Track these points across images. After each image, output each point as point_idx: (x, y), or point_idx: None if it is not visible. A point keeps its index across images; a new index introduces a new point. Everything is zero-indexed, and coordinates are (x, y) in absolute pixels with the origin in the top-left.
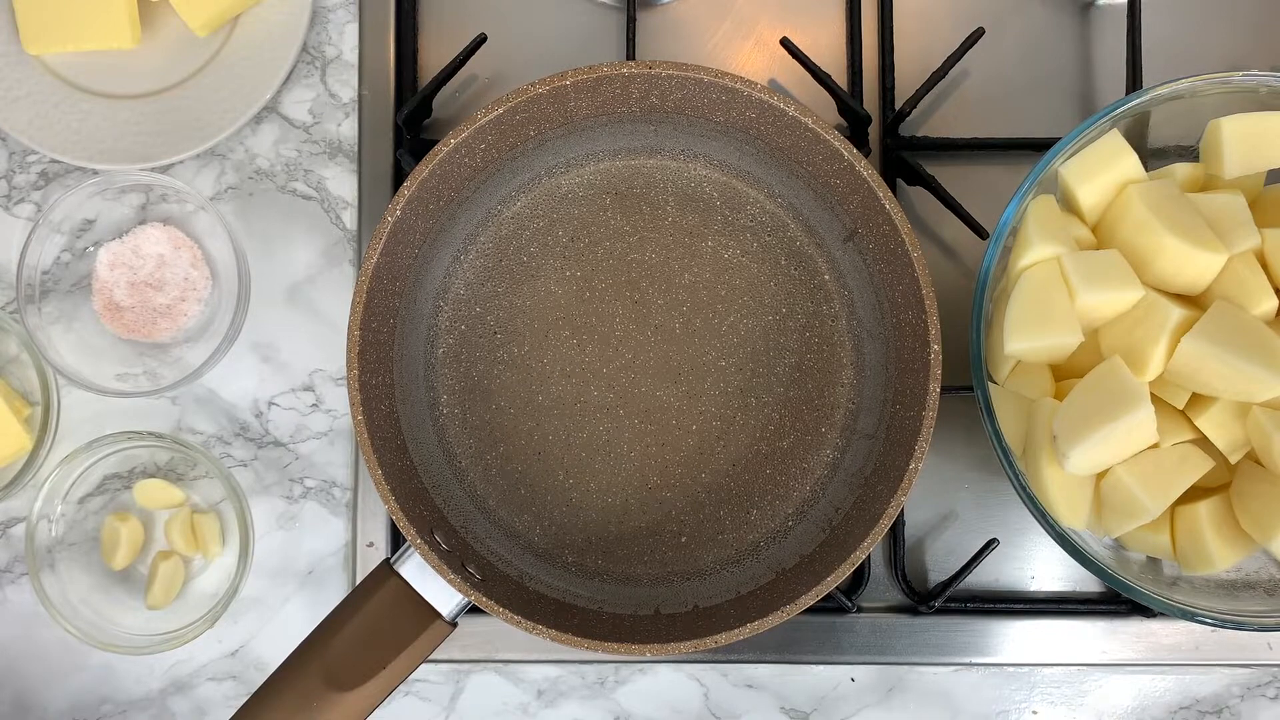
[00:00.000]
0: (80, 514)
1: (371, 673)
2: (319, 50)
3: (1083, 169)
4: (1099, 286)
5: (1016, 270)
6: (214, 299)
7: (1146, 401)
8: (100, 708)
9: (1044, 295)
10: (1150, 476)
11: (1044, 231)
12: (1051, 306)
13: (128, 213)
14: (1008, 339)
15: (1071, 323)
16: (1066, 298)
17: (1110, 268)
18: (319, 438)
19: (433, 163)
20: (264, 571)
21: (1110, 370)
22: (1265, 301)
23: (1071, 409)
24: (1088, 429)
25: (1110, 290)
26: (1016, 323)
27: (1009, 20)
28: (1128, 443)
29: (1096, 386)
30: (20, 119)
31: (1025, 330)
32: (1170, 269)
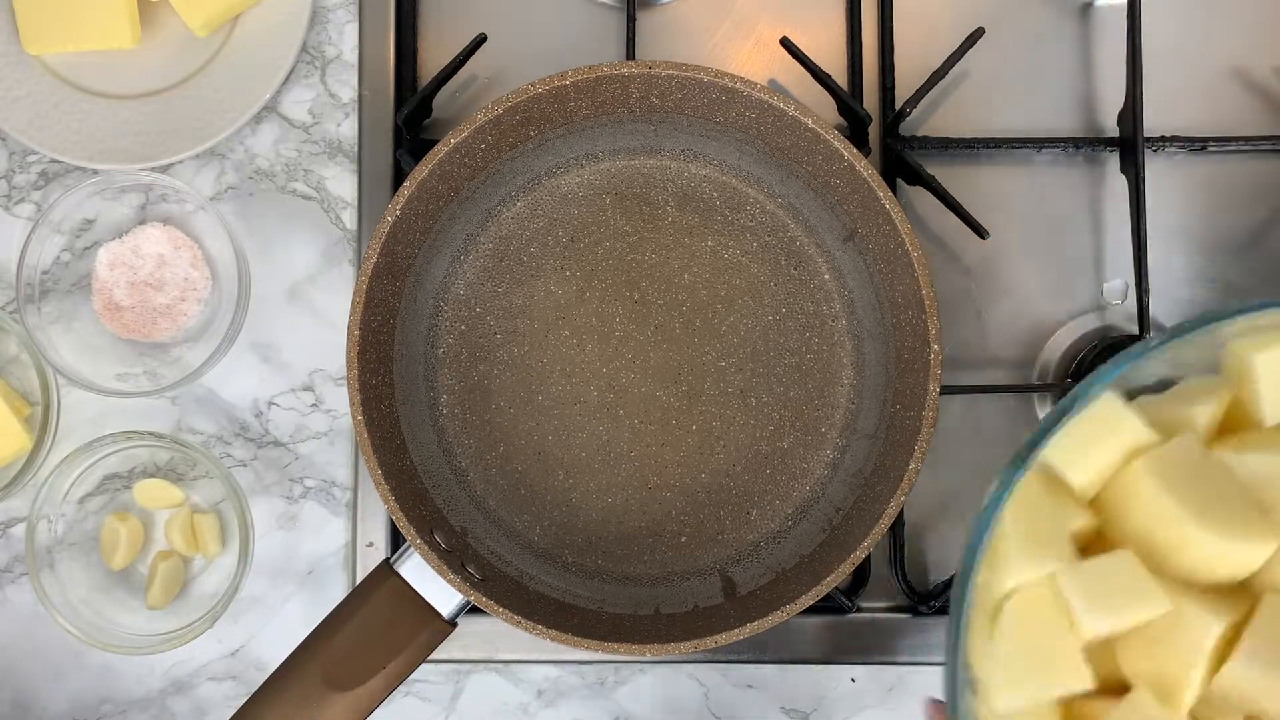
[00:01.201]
0: (80, 514)
1: (371, 673)
2: (319, 50)
3: (1072, 448)
4: (1109, 609)
5: (997, 597)
6: (214, 299)
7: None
8: (100, 708)
9: (1037, 630)
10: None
11: (1030, 542)
12: (1049, 644)
13: (127, 212)
14: (994, 694)
15: (1076, 664)
16: (1068, 629)
17: (1121, 578)
18: (319, 438)
19: (432, 163)
20: (264, 571)
21: (1135, 707)
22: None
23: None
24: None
25: (1124, 612)
26: (1005, 672)
27: (1009, 20)
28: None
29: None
30: (20, 119)
31: (1017, 681)
32: (1202, 565)
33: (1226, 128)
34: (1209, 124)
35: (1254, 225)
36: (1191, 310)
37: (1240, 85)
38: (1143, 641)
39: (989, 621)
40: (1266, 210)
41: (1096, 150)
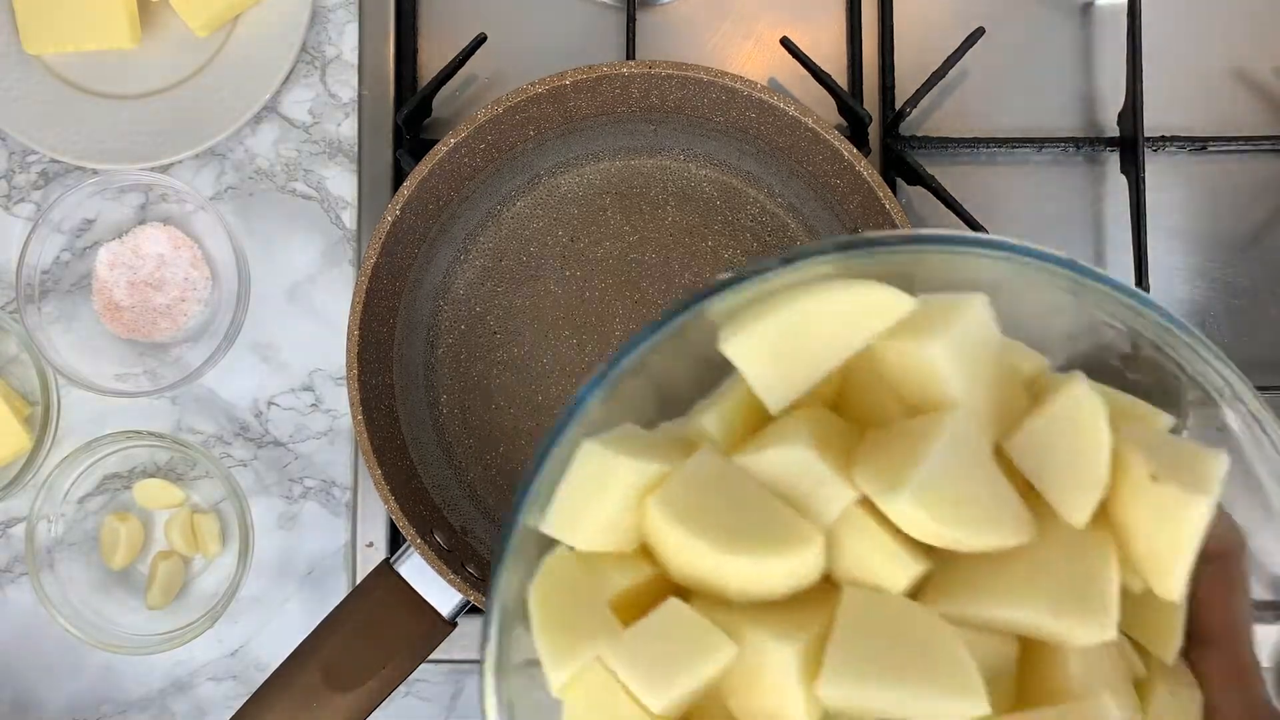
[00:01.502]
0: (80, 514)
1: (371, 673)
2: (319, 50)
3: (569, 513)
4: (668, 675)
5: (555, 690)
6: (214, 299)
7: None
8: (100, 708)
9: (603, 717)
10: None
11: (563, 631)
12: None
13: (127, 212)
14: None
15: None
16: (633, 709)
17: (673, 634)
18: (319, 438)
19: (432, 162)
20: (264, 571)
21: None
22: (902, 570)
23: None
24: None
25: (687, 671)
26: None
27: (1009, 20)
28: None
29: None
30: (20, 119)
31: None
32: (755, 589)
33: (1227, 127)
34: (1209, 124)
35: (1254, 225)
36: (1192, 310)
37: (1241, 85)
38: (737, 693)
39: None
40: (1267, 210)
41: (1096, 150)
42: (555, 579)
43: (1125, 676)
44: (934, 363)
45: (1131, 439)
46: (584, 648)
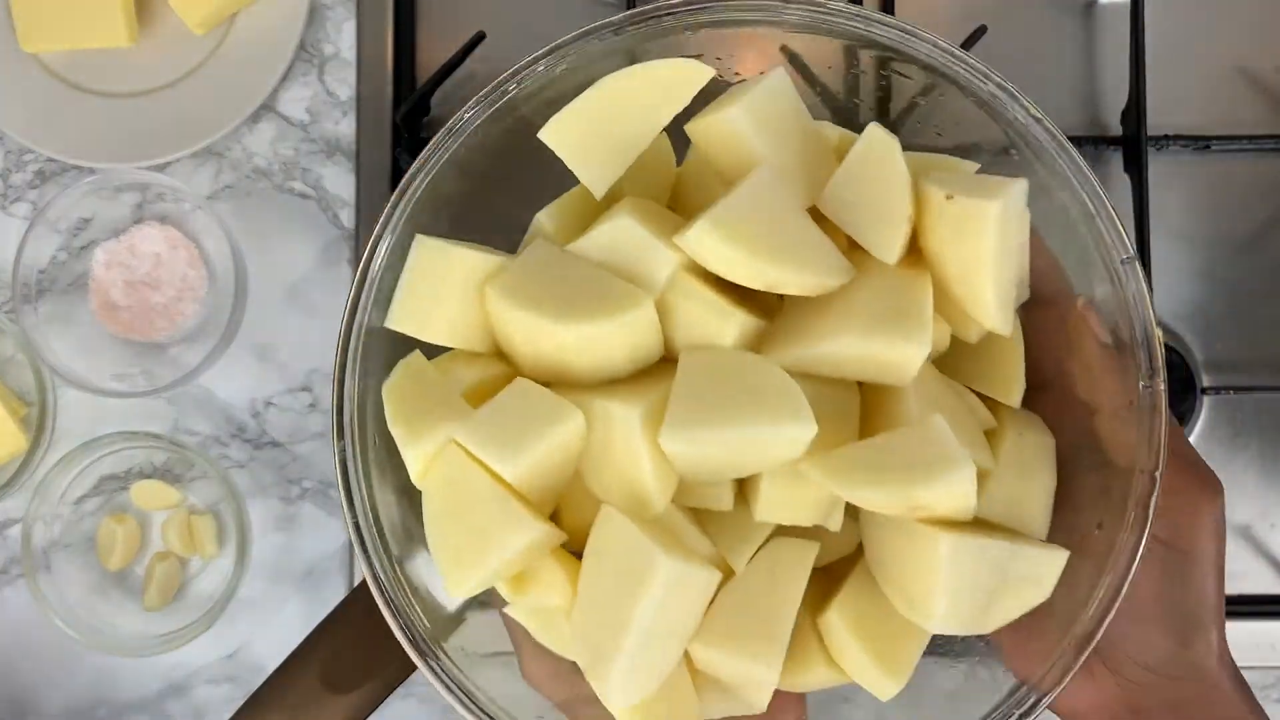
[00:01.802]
0: (76, 515)
1: (370, 675)
2: (316, 48)
3: (416, 309)
4: (518, 442)
5: (415, 479)
6: (211, 298)
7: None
8: (97, 710)
9: (464, 506)
10: (749, 615)
11: (416, 419)
12: (483, 517)
13: (124, 211)
14: (451, 587)
15: (519, 519)
16: (493, 489)
17: (520, 407)
18: (316, 438)
19: None
20: (261, 573)
21: (609, 531)
22: (729, 322)
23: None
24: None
25: (535, 438)
26: (444, 557)
27: (1011, 18)
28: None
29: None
30: (16, 117)
31: (459, 571)
32: (595, 361)
33: (1230, 126)
34: (1212, 122)
35: (1258, 224)
36: (1195, 310)
37: (1244, 83)
38: (594, 469)
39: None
40: (1270, 209)
41: (1100, 149)
42: (408, 377)
43: (972, 425)
44: (735, 125)
45: (932, 177)
46: (437, 430)
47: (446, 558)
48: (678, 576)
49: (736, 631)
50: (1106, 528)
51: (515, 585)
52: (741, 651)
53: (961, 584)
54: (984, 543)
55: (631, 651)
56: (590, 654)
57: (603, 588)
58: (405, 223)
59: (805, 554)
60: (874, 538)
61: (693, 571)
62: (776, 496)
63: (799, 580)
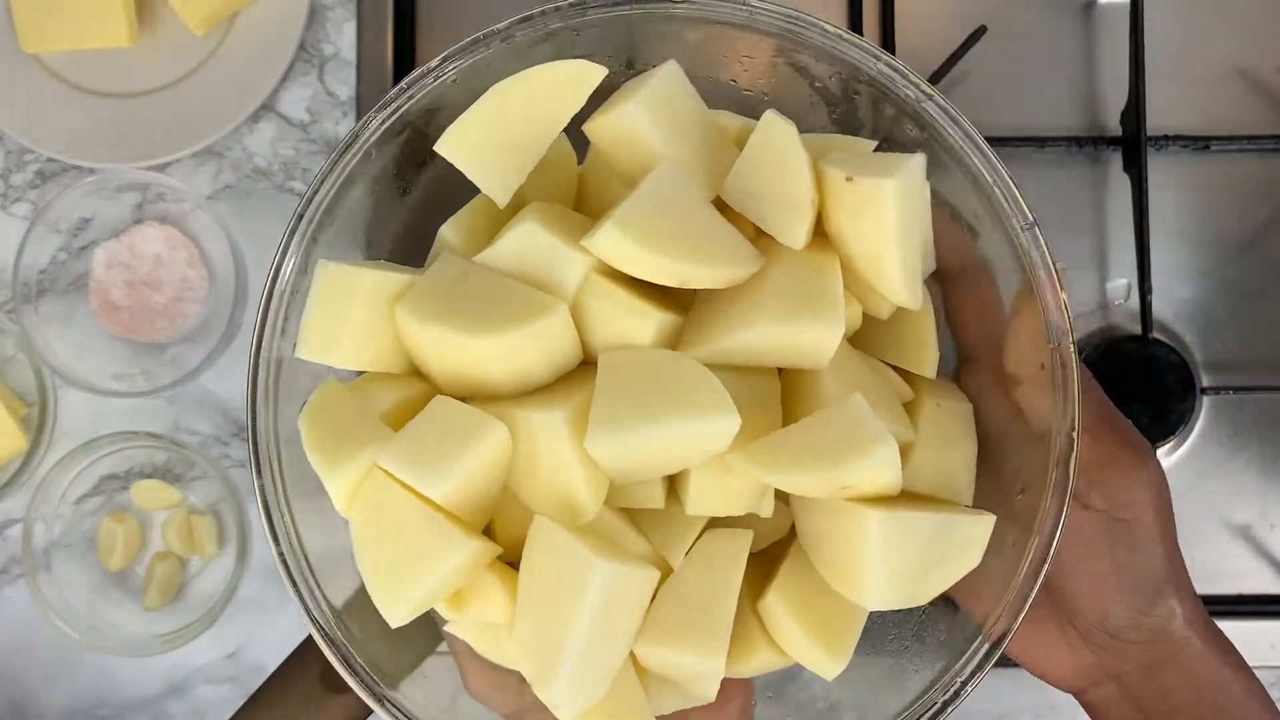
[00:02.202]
0: (77, 515)
1: None
2: (317, 48)
3: (322, 334)
4: (441, 462)
5: (341, 509)
6: (211, 299)
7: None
8: (97, 710)
9: (393, 530)
10: (690, 609)
11: (333, 450)
12: (413, 540)
13: (124, 212)
14: (388, 613)
15: (451, 538)
16: (422, 510)
17: (441, 426)
18: None
19: None
20: (262, 573)
21: (543, 544)
22: (645, 321)
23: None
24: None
25: (457, 456)
26: (381, 585)
27: (1011, 18)
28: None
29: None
30: (17, 117)
31: (399, 586)
32: (513, 371)
33: (1229, 127)
34: (1212, 123)
35: (1257, 224)
36: (1195, 310)
37: (1243, 84)
38: (523, 482)
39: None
40: (1269, 209)
41: (1099, 149)
42: (324, 405)
43: (890, 399)
44: (632, 121)
45: (831, 159)
46: (357, 456)
47: (380, 584)
48: (615, 579)
49: (679, 627)
50: (1029, 491)
51: (454, 603)
52: (685, 646)
53: (894, 558)
54: (912, 515)
55: (575, 659)
56: (535, 665)
57: (541, 598)
58: (308, 246)
59: (740, 544)
60: (805, 520)
61: (630, 573)
62: (706, 489)
63: (736, 570)
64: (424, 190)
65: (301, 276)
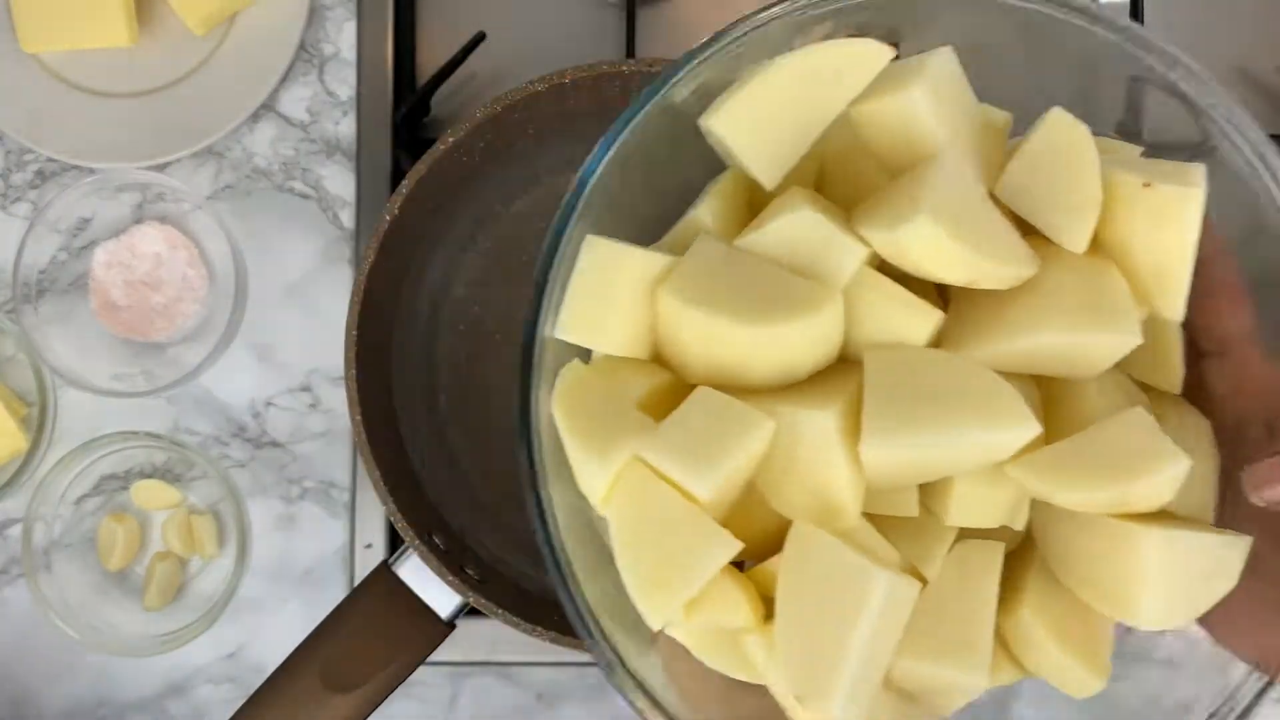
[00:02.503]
0: (77, 515)
1: (370, 675)
2: (317, 48)
3: (584, 316)
4: (709, 458)
5: (597, 503)
6: (211, 298)
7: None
8: (98, 710)
9: (658, 530)
10: (948, 622)
11: (591, 439)
12: (680, 541)
13: (124, 211)
14: (648, 616)
15: (713, 536)
16: (686, 509)
17: (706, 419)
18: (317, 438)
19: (431, 161)
20: (262, 573)
21: (803, 543)
22: (925, 318)
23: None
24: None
25: (726, 453)
26: (641, 584)
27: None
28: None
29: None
30: (17, 117)
31: (661, 591)
32: (779, 364)
33: None
34: None
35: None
36: None
37: (1243, 84)
38: (776, 481)
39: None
40: None
41: None
42: (575, 388)
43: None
44: (915, 108)
45: (1113, 161)
46: (618, 447)
47: (643, 588)
48: (892, 591)
49: (939, 641)
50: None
51: (689, 607)
52: (946, 660)
53: (1169, 578)
54: (1182, 534)
55: (853, 674)
56: (805, 682)
57: (810, 609)
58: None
59: (994, 555)
60: (1056, 535)
61: (903, 584)
62: (970, 499)
63: (991, 582)
64: (662, 169)
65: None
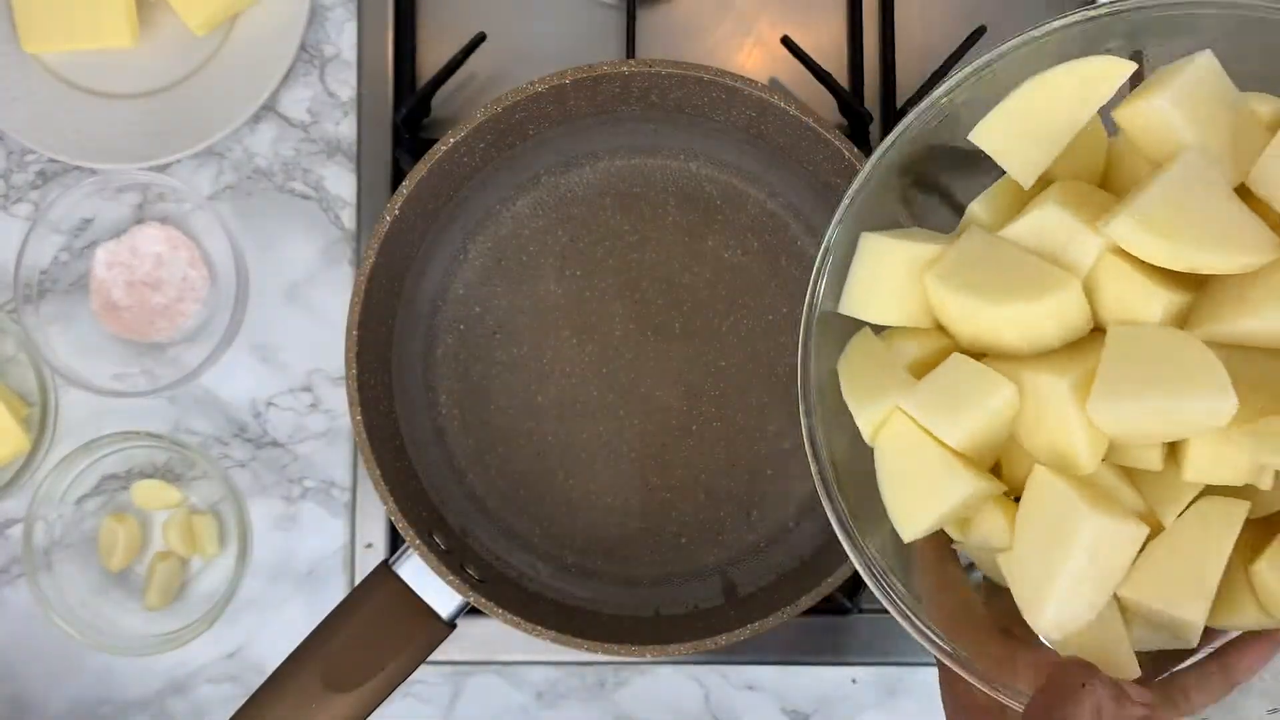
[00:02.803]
0: (78, 515)
1: (370, 674)
2: (317, 49)
3: (860, 295)
4: (956, 411)
5: (868, 439)
6: (212, 299)
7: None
8: (99, 709)
9: (912, 464)
10: (1177, 567)
11: (866, 388)
12: (928, 474)
13: (125, 212)
14: (904, 530)
15: (957, 475)
16: (937, 450)
17: (956, 379)
18: (317, 438)
19: (431, 162)
20: (262, 572)
21: (1041, 487)
22: (1154, 300)
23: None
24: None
25: (971, 406)
26: (898, 507)
27: (1011, 19)
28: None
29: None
30: (18, 118)
31: (911, 518)
32: (1028, 337)
33: None
34: None
35: None
36: None
37: None
38: (1028, 434)
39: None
40: None
41: None
42: (860, 352)
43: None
44: (1161, 113)
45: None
46: (884, 397)
47: (899, 506)
48: (1103, 531)
49: (1164, 582)
50: None
51: (961, 528)
52: (1168, 601)
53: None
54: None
55: (1060, 595)
56: (1025, 595)
57: (1037, 538)
58: (851, 216)
59: (1235, 512)
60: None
61: (1118, 526)
62: (1204, 459)
63: (1229, 535)
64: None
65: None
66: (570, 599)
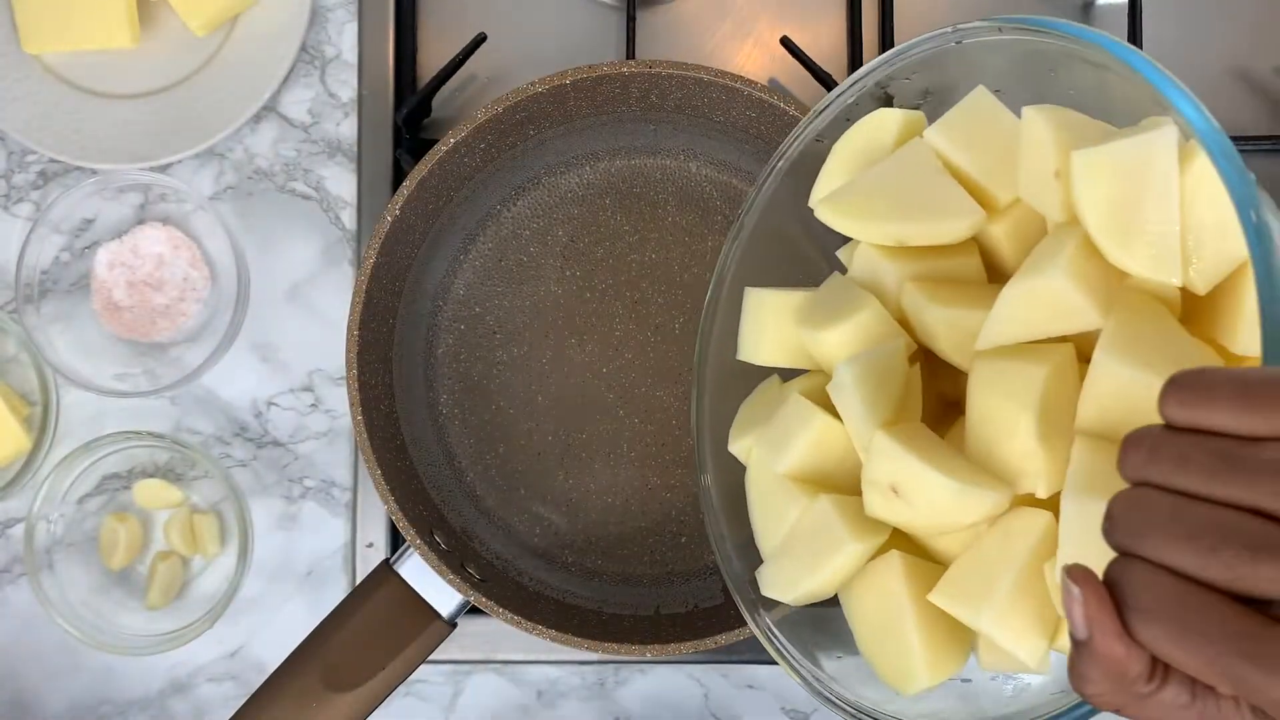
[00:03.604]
0: (79, 514)
1: (371, 673)
2: (318, 50)
3: (753, 344)
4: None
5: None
6: (213, 299)
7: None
8: (99, 708)
9: (759, 492)
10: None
11: (739, 425)
12: (774, 499)
13: (126, 212)
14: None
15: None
16: (777, 479)
17: (790, 418)
18: (318, 438)
19: (432, 162)
20: (263, 572)
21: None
22: (888, 273)
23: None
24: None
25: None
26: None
27: None
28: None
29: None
30: (19, 118)
31: (767, 535)
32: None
33: (1228, 127)
34: None
35: None
36: None
37: (1241, 85)
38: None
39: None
40: None
41: None
42: (762, 392)
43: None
44: (933, 142)
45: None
46: (747, 436)
47: (761, 529)
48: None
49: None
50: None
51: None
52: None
53: None
54: None
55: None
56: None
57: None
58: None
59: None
60: None
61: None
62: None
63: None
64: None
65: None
66: (570, 598)
